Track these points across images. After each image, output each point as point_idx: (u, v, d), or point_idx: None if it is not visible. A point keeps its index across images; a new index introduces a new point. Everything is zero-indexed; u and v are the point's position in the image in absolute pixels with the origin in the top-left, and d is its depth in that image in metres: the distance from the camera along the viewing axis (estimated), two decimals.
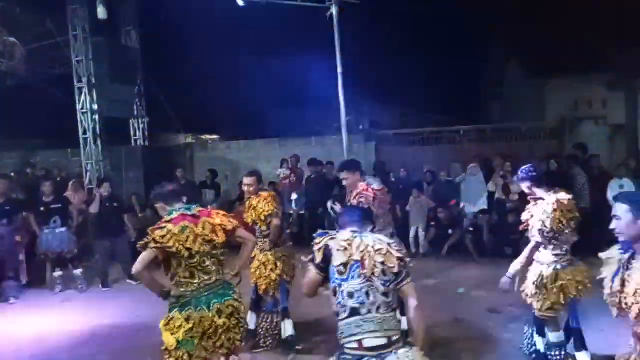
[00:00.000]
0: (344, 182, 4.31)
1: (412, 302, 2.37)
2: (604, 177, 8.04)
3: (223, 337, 3.06)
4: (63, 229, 6.99)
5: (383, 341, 2.24)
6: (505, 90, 20.43)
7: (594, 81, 16.93)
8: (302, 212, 9.22)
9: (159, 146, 13.68)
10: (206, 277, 3.10)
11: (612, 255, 2.29)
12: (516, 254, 3.94)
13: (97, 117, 10.28)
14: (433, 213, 8.13)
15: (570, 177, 7.51)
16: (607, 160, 9.47)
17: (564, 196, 3.56)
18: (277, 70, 16.31)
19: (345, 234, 2.40)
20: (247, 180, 4.65)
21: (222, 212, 3.34)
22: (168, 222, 3.05)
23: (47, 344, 5.02)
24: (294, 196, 9.24)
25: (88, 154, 10.25)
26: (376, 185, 4.24)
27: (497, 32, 19.49)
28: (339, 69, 7.36)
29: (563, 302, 3.54)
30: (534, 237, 3.60)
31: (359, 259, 2.30)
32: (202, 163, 11.51)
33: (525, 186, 3.76)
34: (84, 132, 10.23)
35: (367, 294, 2.27)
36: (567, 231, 3.54)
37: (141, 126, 12.07)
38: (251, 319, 4.53)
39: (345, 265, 2.30)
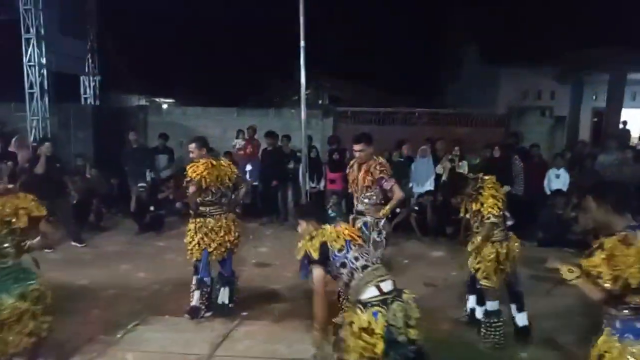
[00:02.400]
0: (357, 154, 4.41)
1: None
2: (543, 166, 8.58)
3: (30, 324, 2.90)
4: (10, 186, 6.70)
5: (391, 284, 2.93)
6: (462, 75, 20.94)
7: (544, 73, 17.66)
8: (256, 183, 9.27)
9: (111, 106, 13.19)
10: (2, 260, 2.94)
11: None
12: (455, 233, 4.25)
13: (45, 71, 9.77)
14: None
15: (508, 164, 7.95)
16: (546, 151, 10.07)
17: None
18: (239, 39, 16.00)
19: (329, 230, 3.12)
20: (189, 146, 4.71)
21: (32, 197, 3.20)
22: None
23: None
24: (249, 167, 9.27)
25: (34, 110, 9.78)
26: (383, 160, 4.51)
27: (455, 16, 19.82)
28: (302, 43, 7.33)
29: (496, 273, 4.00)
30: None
31: (349, 238, 3.09)
32: (156, 127, 11.21)
33: None
34: (30, 87, 9.72)
35: (366, 253, 3.12)
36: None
37: (92, 84, 11.59)
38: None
39: (343, 246, 3.04)
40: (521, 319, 4.18)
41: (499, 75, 18.76)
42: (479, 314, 4.33)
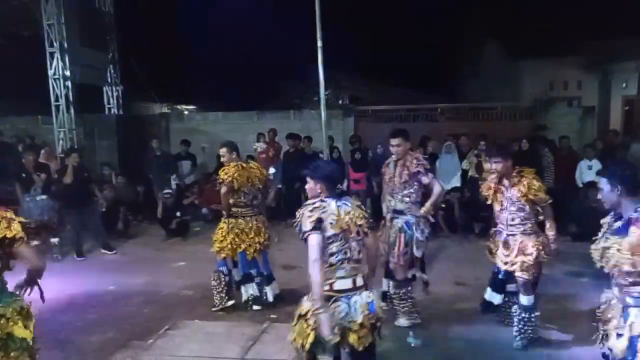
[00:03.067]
0: (394, 149, 4.35)
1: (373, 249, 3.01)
2: (573, 158, 8.32)
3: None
4: (44, 197, 6.89)
5: (351, 283, 2.76)
6: (483, 69, 20.57)
7: (570, 63, 17.21)
8: (279, 186, 9.25)
9: (134, 115, 13.39)
10: None
11: (604, 221, 2.77)
12: (485, 230, 4.14)
13: (69, 83, 9.98)
14: None
15: (537, 157, 7.73)
16: (576, 141, 9.77)
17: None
18: (257, 42, 16.04)
19: (332, 207, 2.77)
20: (220, 150, 4.96)
21: (9, 214, 2.60)
22: None
23: None
24: (272, 170, 9.25)
25: (60, 122, 10.00)
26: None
27: (475, 11, 19.50)
28: (319, 43, 7.27)
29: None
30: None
31: (346, 228, 2.76)
32: (178, 134, 11.33)
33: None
34: (56, 99, 9.94)
35: (348, 249, 2.79)
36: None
37: (115, 94, 11.79)
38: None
39: (336, 235, 2.74)
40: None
41: (523, 68, 18.37)
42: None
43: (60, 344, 4.17)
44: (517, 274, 3.91)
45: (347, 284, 2.75)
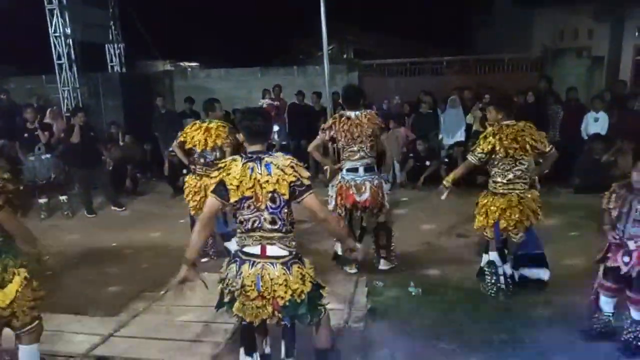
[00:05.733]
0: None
1: (319, 215, 2.55)
2: (580, 111, 8.20)
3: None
4: (48, 155, 6.99)
5: (259, 249, 2.51)
6: (493, 19, 19.93)
7: (581, 11, 16.59)
8: (284, 143, 9.29)
9: (137, 73, 13.29)
10: None
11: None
12: (487, 182, 4.18)
13: (70, 41, 9.88)
14: (412, 145, 8.28)
15: (543, 109, 7.66)
16: (584, 93, 9.60)
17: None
18: None
19: (237, 168, 2.45)
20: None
21: None
22: None
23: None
24: (276, 127, 9.27)
25: (64, 81, 9.97)
26: None
27: None
28: None
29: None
30: None
31: (250, 195, 2.45)
32: (182, 91, 11.27)
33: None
34: (59, 58, 9.87)
35: (257, 219, 2.49)
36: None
37: (117, 52, 11.66)
38: None
39: (237, 201, 2.47)
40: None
41: (532, 17, 17.76)
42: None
43: (75, 296, 4.38)
44: None
45: (255, 250, 2.52)
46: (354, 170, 4.44)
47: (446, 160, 8.02)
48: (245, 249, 2.55)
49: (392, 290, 4.30)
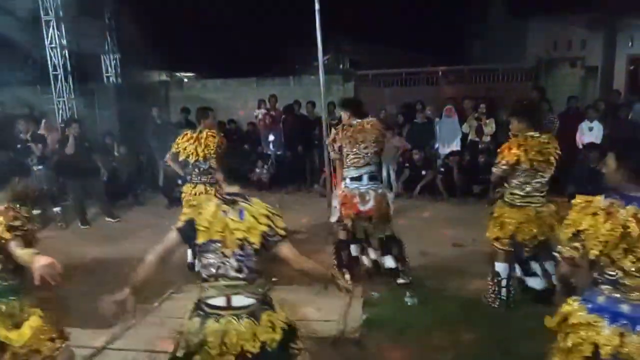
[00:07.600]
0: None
1: (295, 266, 2.39)
2: (580, 119, 8.22)
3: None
4: (40, 167, 6.95)
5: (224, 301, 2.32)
6: (487, 30, 20.14)
7: (574, 21, 16.79)
8: (279, 152, 9.28)
9: (133, 84, 13.29)
10: None
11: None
12: (484, 192, 4.20)
13: (66, 52, 9.89)
14: (408, 154, 8.30)
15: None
16: (578, 103, 9.65)
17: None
18: (254, 7, 15.69)
19: (210, 209, 2.33)
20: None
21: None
22: None
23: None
24: (271, 137, 9.27)
25: (59, 91, 9.96)
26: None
27: None
28: (316, 6, 7.12)
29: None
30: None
31: (220, 240, 2.30)
32: (178, 102, 11.28)
33: None
34: (54, 69, 9.87)
35: (221, 265, 2.31)
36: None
37: (113, 62, 11.67)
38: None
39: (204, 244, 2.34)
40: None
41: (526, 27, 17.96)
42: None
43: (67, 308, 4.31)
44: None
45: (219, 301, 2.32)
46: (358, 178, 4.39)
47: (442, 169, 8.03)
48: (209, 301, 2.35)
49: (388, 300, 4.27)
